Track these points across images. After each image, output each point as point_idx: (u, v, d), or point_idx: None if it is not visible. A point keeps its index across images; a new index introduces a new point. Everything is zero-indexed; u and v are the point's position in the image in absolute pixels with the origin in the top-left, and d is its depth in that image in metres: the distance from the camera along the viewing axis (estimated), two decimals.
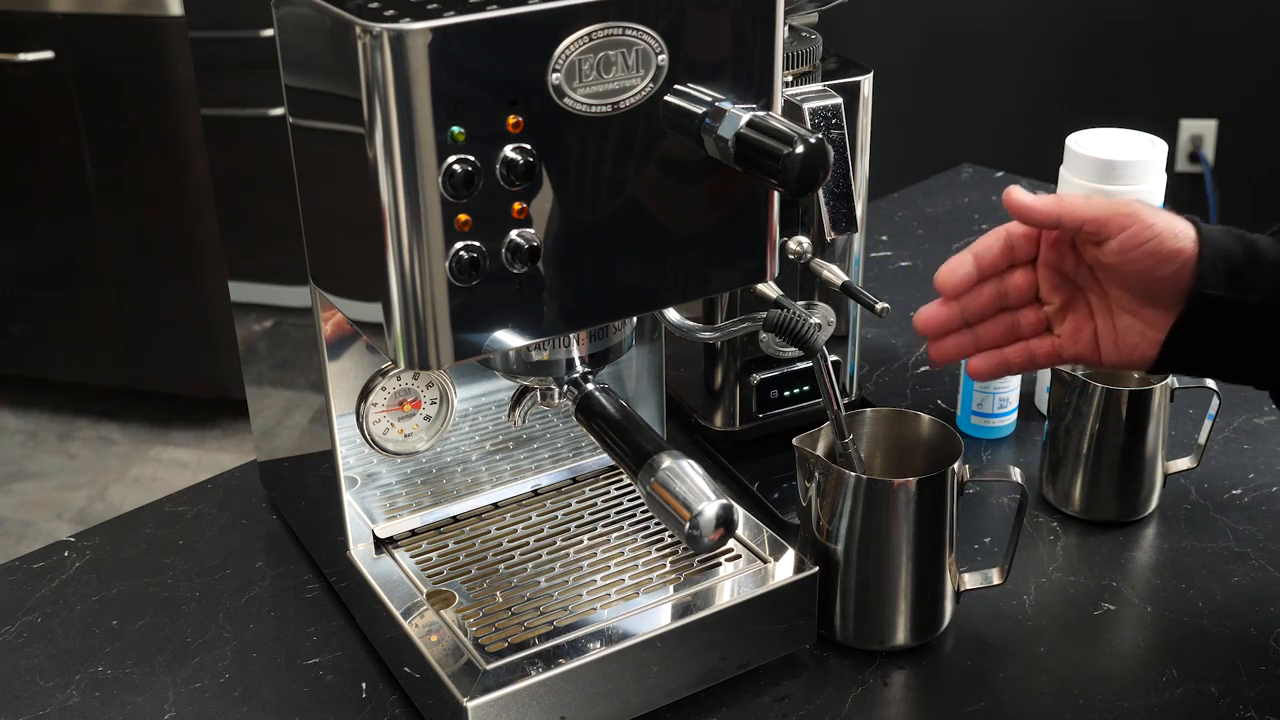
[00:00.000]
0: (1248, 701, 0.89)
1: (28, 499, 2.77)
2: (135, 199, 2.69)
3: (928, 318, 0.82)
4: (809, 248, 1.05)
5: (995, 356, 0.83)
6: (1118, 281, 0.80)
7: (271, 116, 0.84)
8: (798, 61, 1.03)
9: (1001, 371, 0.84)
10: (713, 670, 0.90)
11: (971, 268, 0.82)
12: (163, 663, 0.95)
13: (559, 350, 0.85)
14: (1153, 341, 0.80)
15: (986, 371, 0.84)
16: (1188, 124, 3.10)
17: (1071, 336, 0.83)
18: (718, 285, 0.83)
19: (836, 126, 1.00)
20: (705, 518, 0.75)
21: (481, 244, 0.72)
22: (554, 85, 0.71)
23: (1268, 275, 0.76)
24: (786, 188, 0.72)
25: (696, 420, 1.17)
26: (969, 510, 1.09)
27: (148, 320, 2.81)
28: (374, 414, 0.91)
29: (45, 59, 2.58)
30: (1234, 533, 1.06)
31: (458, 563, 0.95)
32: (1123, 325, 0.81)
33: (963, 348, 0.83)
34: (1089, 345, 0.82)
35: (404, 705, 0.90)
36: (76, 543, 1.07)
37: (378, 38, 0.66)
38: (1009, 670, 0.93)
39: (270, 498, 1.11)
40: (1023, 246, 0.83)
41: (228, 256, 1.05)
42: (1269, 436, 1.19)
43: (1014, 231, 0.82)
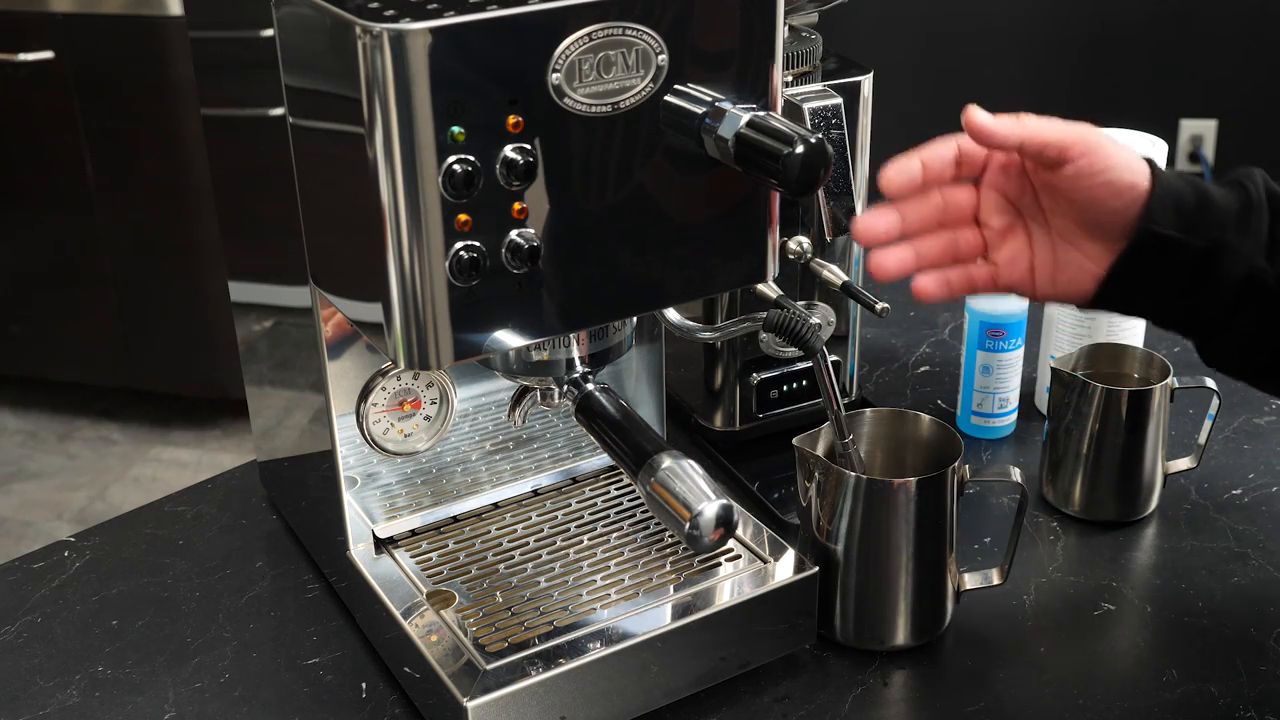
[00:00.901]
0: (1248, 701, 0.89)
1: (28, 499, 2.77)
2: (135, 199, 2.69)
3: (868, 225, 0.79)
4: (809, 248, 1.05)
5: (939, 277, 0.80)
6: (1066, 210, 0.79)
7: (271, 116, 0.84)
8: (798, 61, 1.03)
9: (944, 292, 0.81)
10: (713, 670, 0.90)
11: (918, 172, 0.79)
12: (163, 663, 0.95)
13: (559, 350, 0.85)
14: (1090, 276, 0.79)
15: (934, 290, 0.80)
16: (1188, 124, 3.11)
17: (1008, 265, 0.81)
18: (718, 285, 0.83)
19: (836, 126, 1.00)
20: (705, 518, 0.75)
21: (481, 244, 0.72)
22: (554, 85, 0.71)
23: (1215, 221, 0.77)
24: (786, 188, 0.72)
25: (696, 420, 1.17)
26: (969, 510, 1.09)
27: (148, 320, 2.81)
28: (374, 414, 0.91)
29: (45, 59, 2.58)
30: (1234, 533, 1.06)
31: (458, 563, 0.95)
32: (1063, 257, 0.80)
33: (904, 263, 0.80)
34: (1024, 276, 0.81)
35: (404, 705, 0.90)
36: (76, 543, 1.07)
37: (378, 38, 0.66)
38: (1009, 670, 0.93)
39: (270, 498, 1.11)
40: (971, 163, 0.80)
41: (228, 256, 1.05)
42: (1269, 436, 1.19)
43: (965, 147, 0.80)
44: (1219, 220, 0.77)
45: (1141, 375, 1.08)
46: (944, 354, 1.33)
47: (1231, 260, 0.77)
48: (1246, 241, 0.77)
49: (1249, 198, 0.78)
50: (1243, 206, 0.78)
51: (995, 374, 1.16)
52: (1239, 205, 0.78)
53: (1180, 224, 0.76)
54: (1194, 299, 0.78)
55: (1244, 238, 0.77)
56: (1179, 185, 0.78)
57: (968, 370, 1.18)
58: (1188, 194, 0.77)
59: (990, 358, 1.15)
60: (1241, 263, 0.77)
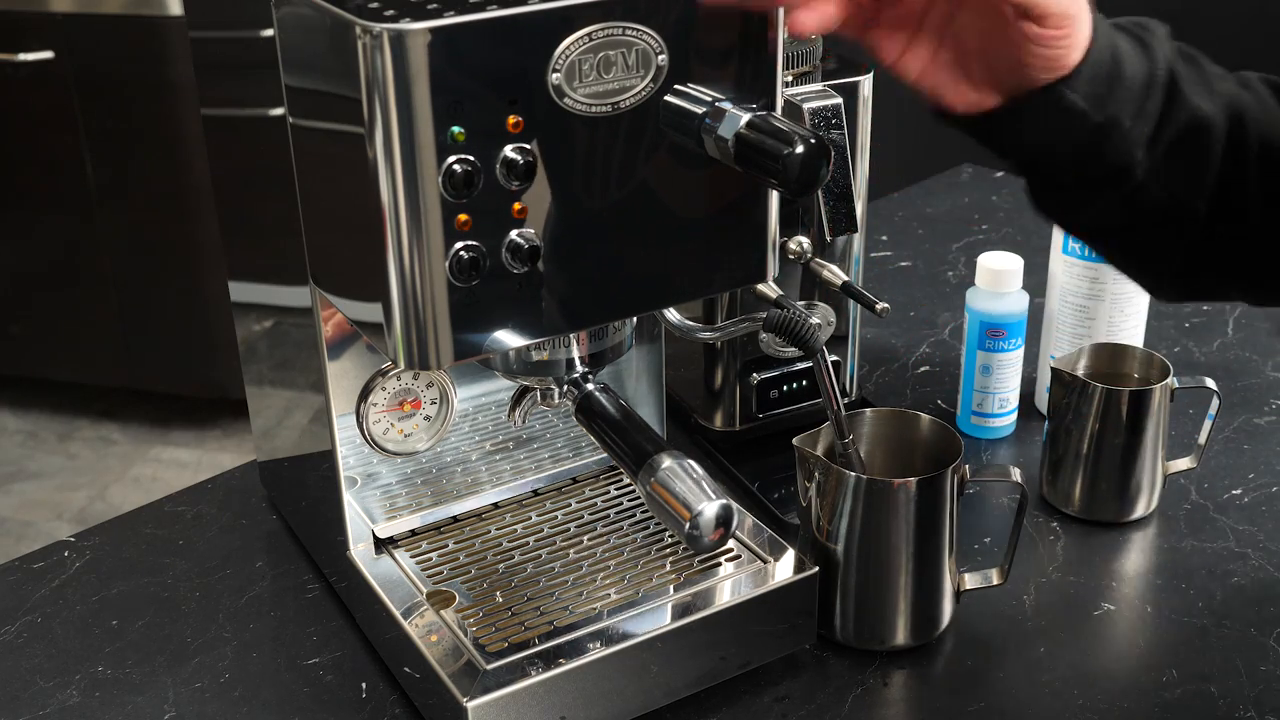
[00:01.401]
0: (1248, 701, 0.89)
1: (28, 499, 2.77)
2: (135, 199, 2.69)
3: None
4: (809, 248, 1.05)
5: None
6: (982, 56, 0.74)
7: (271, 116, 0.84)
8: (798, 61, 1.03)
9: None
10: (713, 670, 0.90)
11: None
12: (163, 663, 0.95)
13: (559, 350, 0.85)
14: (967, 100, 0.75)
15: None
16: None
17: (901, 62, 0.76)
18: (718, 285, 0.83)
19: (836, 126, 1.00)
20: (705, 518, 0.75)
21: (481, 244, 0.72)
22: (554, 85, 0.71)
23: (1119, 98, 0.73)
24: (786, 188, 0.72)
25: (696, 420, 1.17)
26: (969, 510, 1.09)
27: (148, 320, 2.81)
28: (374, 414, 0.91)
29: (45, 59, 2.58)
30: (1234, 533, 1.06)
31: (458, 563, 0.95)
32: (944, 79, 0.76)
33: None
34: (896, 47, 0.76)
35: (404, 705, 0.90)
36: (76, 543, 1.07)
37: (378, 38, 0.66)
38: (1009, 670, 0.93)
39: (270, 498, 1.11)
40: None
41: (228, 256, 1.05)
42: (1269, 436, 1.19)
43: None
44: (1122, 98, 0.73)
45: (1141, 375, 1.08)
46: (944, 354, 1.33)
47: (1119, 143, 0.73)
48: (1137, 126, 0.73)
49: (1153, 72, 0.74)
50: (1146, 82, 0.74)
51: (995, 374, 1.16)
52: (1143, 80, 0.74)
53: (1090, 93, 0.72)
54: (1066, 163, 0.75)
55: (1137, 121, 0.73)
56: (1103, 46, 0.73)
57: (968, 370, 1.18)
58: (1105, 61, 0.73)
59: (990, 358, 1.15)
60: (1124, 150, 0.73)
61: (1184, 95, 0.75)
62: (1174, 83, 0.75)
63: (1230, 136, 0.76)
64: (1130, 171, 0.75)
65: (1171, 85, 0.75)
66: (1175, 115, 0.75)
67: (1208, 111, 0.75)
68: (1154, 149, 0.75)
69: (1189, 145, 0.75)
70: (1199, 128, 0.75)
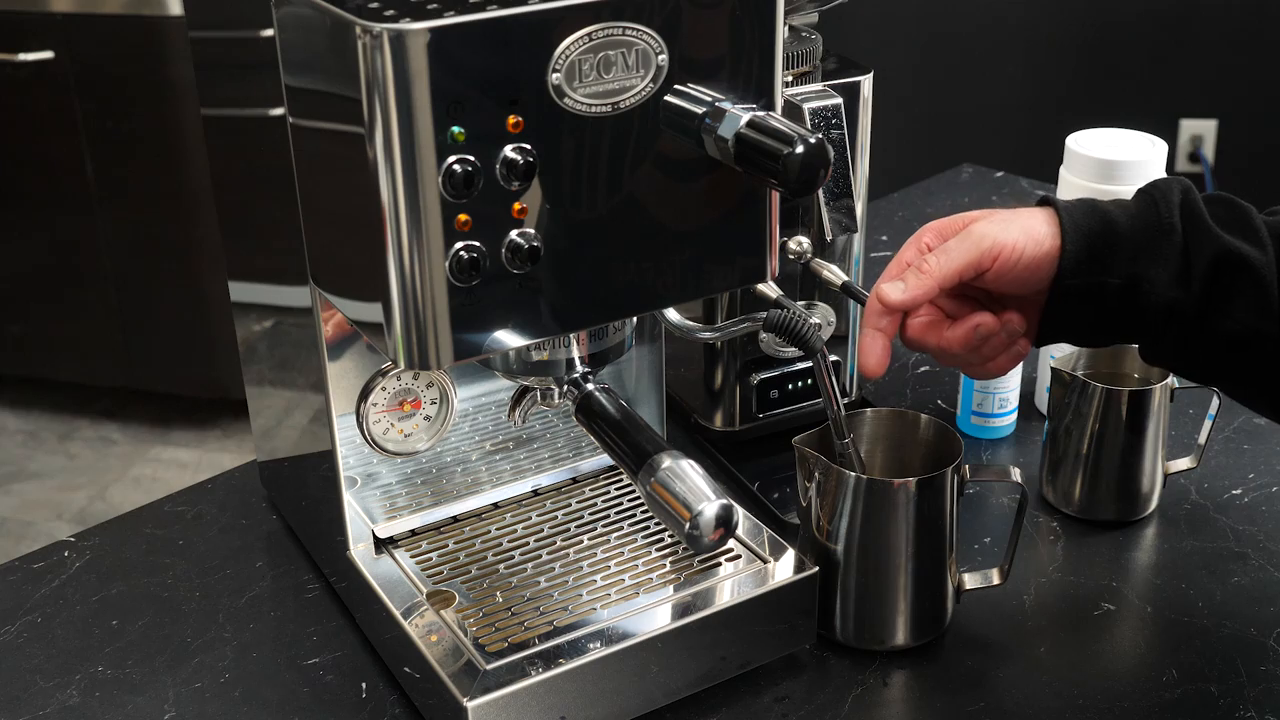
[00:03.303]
0: (1248, 701, 0.89)
1: (28, 499, 2.77)
2: (135, 199, 2.69)
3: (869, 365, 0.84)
4: (809, 248, 1.05)
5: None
6: (999, 292, 0.84)
7: (271, 116, 0.84)
8: (798, 61, 1.03)
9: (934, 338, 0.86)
10: (713, 670, 0.90)
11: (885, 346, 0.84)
12: (163, 663, 0.95)
13: (559, 350, 0.85)
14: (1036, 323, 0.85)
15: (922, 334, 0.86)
16: (1188, 124, 3.10)
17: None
18: (718, 285, 0.83)
19: (836, 126, 1.00)
20: (705, 518, 0.75)
21: (481, 244, 0.72)
22: (554, 85, 0.71)
23: (1124, 255, 0.80)
24: (786, 188, 0.72)
25: (696, 420, 1.17)
26: (969, 510, 1.09)
27: (148, 320, 2.81)
28: (374, 414, 0.91)
29: (45, 59, 2.58)
30: (1234, 533, 1.06)
31: (458, 563, 0.95)
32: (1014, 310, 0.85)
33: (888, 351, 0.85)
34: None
35: (404, 705, 0.90)
36: (76, 543, 1.07)
37: (378, 38, 0.66)
38: (1009, 670, 0.93)
39: (270, 498, 1.11)
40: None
41: (228, 256, 1.05)
42: (1269, 436, 1.19)
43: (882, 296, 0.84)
44: (1129, 253, 0.80)
45: (1141, 375, 1.08)
46: None
47: (1148, 292, 0.80)
48: (1160, 271, 0.80)
49: (1159, 220, 0.80)
50: (1151, 232, 0.80)
51: None
52: (1147, 231, 0.80)
53: (1092, 268, 0.80)
54: (1122, 327, 0.82)
55: (1156, 267, 0.80)
56: (1087, 224, 0.81)
57: None
58: (1096, 231, 0.80)
59: None
60: (1157, 293, 0.80)
61: (1208, 232, 0.79)
62: (1191, 225, 0.80)
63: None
64: (1174, 309, 0.80)
65: (1189, 228, 0.80)
66: (1200, 252, 0.79)
67: (1238, 245, 0.79)
68: (1188, 286, 0.79)
69: (1230, 275, 0.79)
70: (1230, 259, 0.79)
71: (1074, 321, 0.83)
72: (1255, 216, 0.81)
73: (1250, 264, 0.79)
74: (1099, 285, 0.80)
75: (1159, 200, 0.81)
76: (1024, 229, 0.81)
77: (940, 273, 0.81)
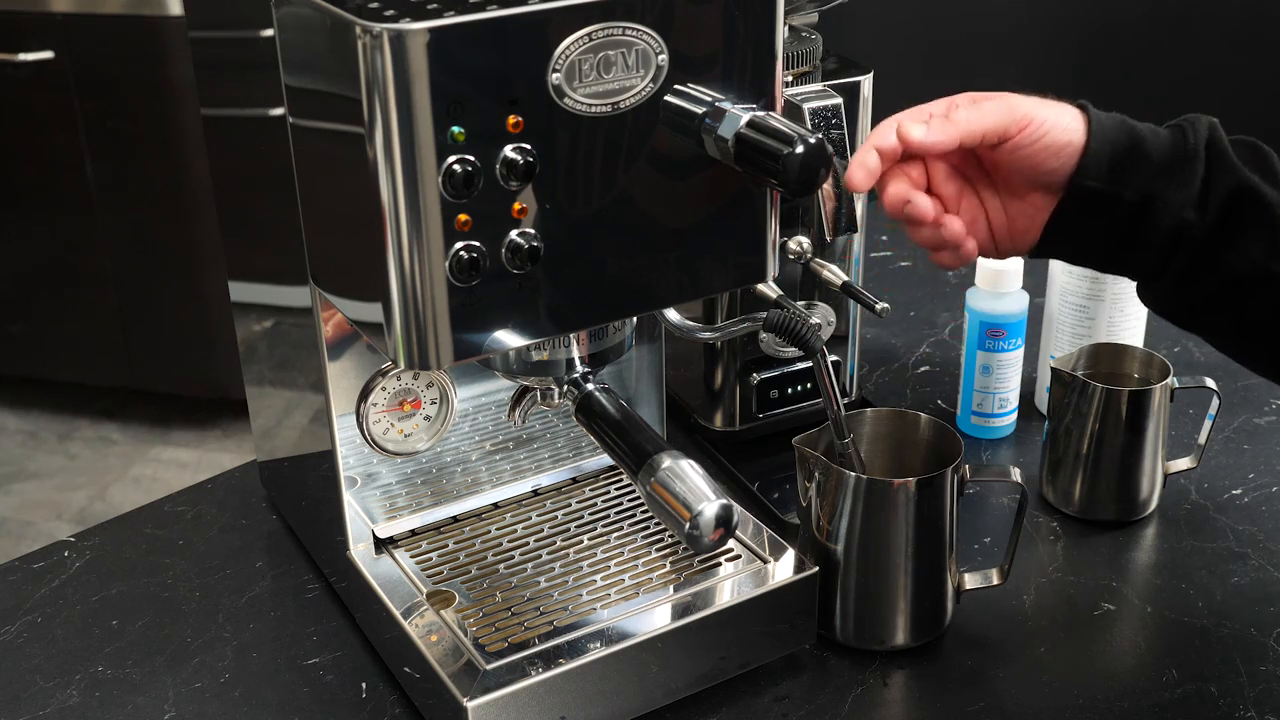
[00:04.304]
0: (1248, 701, 0.89)
1: (28, 499, 2.77)
2: (135, 199, 2.69)
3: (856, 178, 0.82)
4: (809, 248, 1.05)
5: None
6: (1010, 172, 0.82)
7: (271, 116, 0.84)
8: (798, 61, 1.03)
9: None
10: (713, 670, 0.90)
11: (876, 163, 0.81)
12: (163, 663, 0.95)
13: (559, 350, 0.85)
14: (1039, 226, 0.83)
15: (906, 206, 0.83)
16: None
17: (968, 226, 0.84)
18: (718, 285, 0.83)
19: (836, 126, 1.00)
20: (705, 518, 0.75)
21: (481, 244, 0.72)
22: (554, 85, 0.71)
23: (1145, 172, 0.79)
24: (786, 188, 0.72)
25: (696, 420, 1.17)
26: (969, 510, 1.09)
27: (148, 320, 2.81)
28: (374, 414, 0.91)
29: (45, 59, 2.58)
30: (1234, 533, 1.06)
31: (458, 563, 0.95)
32: (1012, 211, 0.84)
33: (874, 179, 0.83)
34: (984, 233, 0.85)
35: (404, 705, 0.90)
36: (76, 543, 1.07)
37: (378, 38, 0.66)
38: (1009, 670, 0.93)
39: (270, 498, 1.11)
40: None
41: (228, 256, 1.05)
42: (1269, 436, 1.19)
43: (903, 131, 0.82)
44: (1150, 171, 0.79)
45: (1141, 375, 1.08)
46: (944, 354, 1.33)
47: (1161, 211, 0.79)
48: (1177, 193, 0.79)
49: (1185, 146, 0.80)
50: (1177, 156, 0.79)
51: (995, 374, 1.16)
52: (1173, 154, 0.79)
53: (1112, 176, 0.79)
54: (1129, 247, 0.81)
55: (1175, 189, 0.79)
56: (1115, 134, 0.80)
57: (968, 370, 1.18)
58: (1121, 143, 0.80)
59: (990, 358, 1.15)
60: (1171, 214, 0.79)
61: (1229, 166, 0.79)
62: (1215, 156, 0.79)
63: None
64: (1184, 233, 0.79)
65: (1212, 158, 0.79)
66: (1220, 181, 0.79)
67: (1255, 181, 0.79)
68: (1204, 213, 0.79)
69: (1243, 209, 0.79)
70: (1248, 194, 0.79)
71: (1080, 230, 0.81)
72: (1276, 160, 0.80)
73: (1267, 202, 0.78)
74: (1114, 195, 0.79)
75: (1187, 129, 0.81)
76: (1054, 115, 0.80)
77: (968, 125, 0.80)
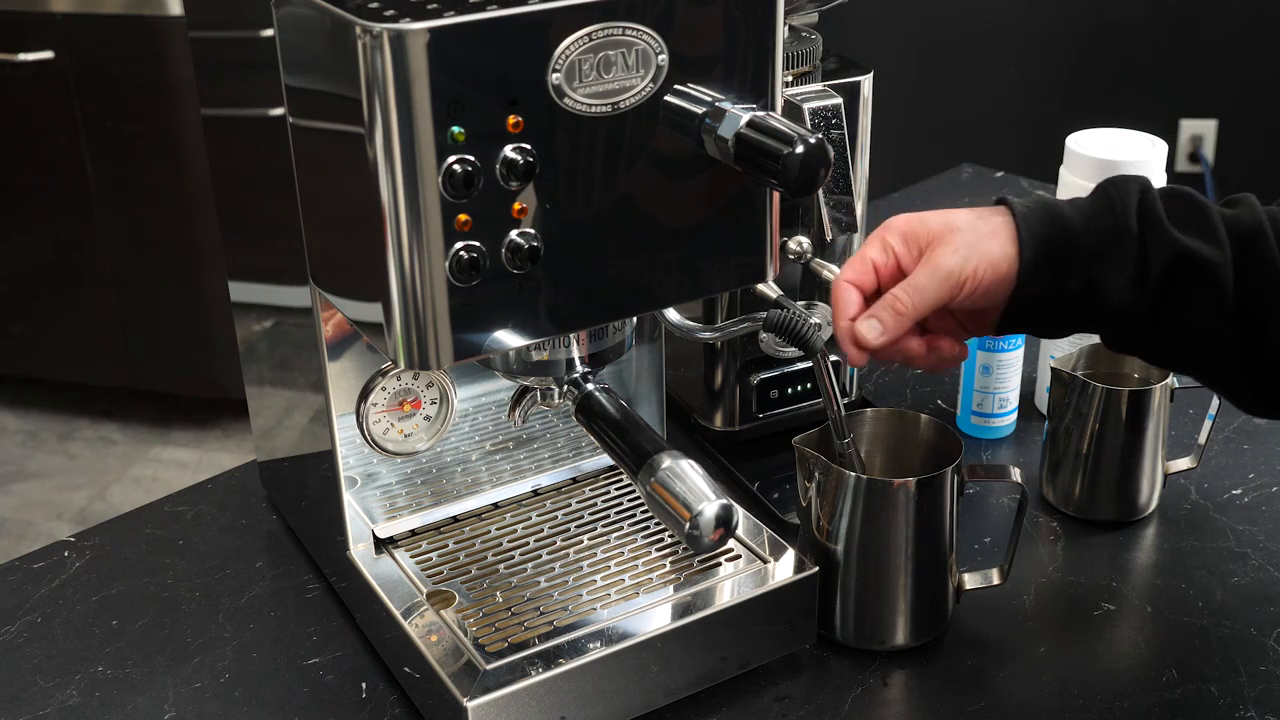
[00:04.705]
0: (1248, 701, 0.89)
1: (28, 499, 2.77)
2: (135, 199, 2.69)
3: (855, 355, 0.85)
4: (809, 248, 1.05)
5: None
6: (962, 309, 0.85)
7: (271, 116, 0.84)
8: (798, 61, 1.03)
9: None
10: (713, 670, 0.90)
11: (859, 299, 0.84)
12: (163, 663, 0.95)
13: (559, 350, 0.85)
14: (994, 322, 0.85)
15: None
16: (1188, 124, 3.10)
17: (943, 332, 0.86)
18: (718, 285, 0.83)
19: (836, 126, 1.00)
20: (705, 518, 0.75)
21: (481, 244, 0.72)
22: (554, 85, 0.71)
23: (1081, 261, 0.81)
24: (786, 188, 0.72)
25: (696, 420, 1.17)
26: (969, 510, 1.09)
27: (148, 320, 2.81)
28: (374, 414, 0.91)
29: (45, 59, 2.58)
30: (1234, 533, 1.06)
31: (458, 563, 0.95)
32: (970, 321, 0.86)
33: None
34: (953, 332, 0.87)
35: (404, 705, 0.90)
36: (76, 543, 1.07)
37: (378, 38, 0.66)
38: (1009, 670, 0.93)
39: (270, 498, 1.11)
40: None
41: (228, 256, 1.05)
42: (1269, 436, 1.19)
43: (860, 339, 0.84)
44: (1086, 259, 0.81)
45: (1141, 375, 1.08)
46: None
47: (1104, 295, 0.80)
48: (1116, 275, 0.80)
49: (1115, 225, 0.81)
50: (1110, 236, 0.81)
51: (995, 374, 1.16)
52: (1106, 236, 0.81)
53: (1052, 274, 0.81)
54: (1082, 324, 0.83)
55: (1113, 272, 0.80)
56: (1045, 233, 0.81)
57: (968, 370, 1.18)
58: (1054, 239, 0.81)
59: (990, 358, 1.15)
60: (1114, 296, 0.80)
61: (1164, 236, 0.80)
62: (1148, 226, 0.80)
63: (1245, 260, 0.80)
64: (1129, 312, 0.81)
65: (1145, 228, 0.80)
66: (1156, 253, 0.80)
67: (1195, 246, 0.80)
68: (1144, 289, 0.80)
69: (1186, 276, 0.80)
70: (1187, 260, 0.80)
71: (1032, 320, 0.84)
72: (1214, 214, 0.81)
73: (1206, 264, 0.79)
74: (1057, 289, 0.81)
75: (1116, 201, 0.81)
76: (985, 257, 0.81)
77: (914, 313, 0.82)
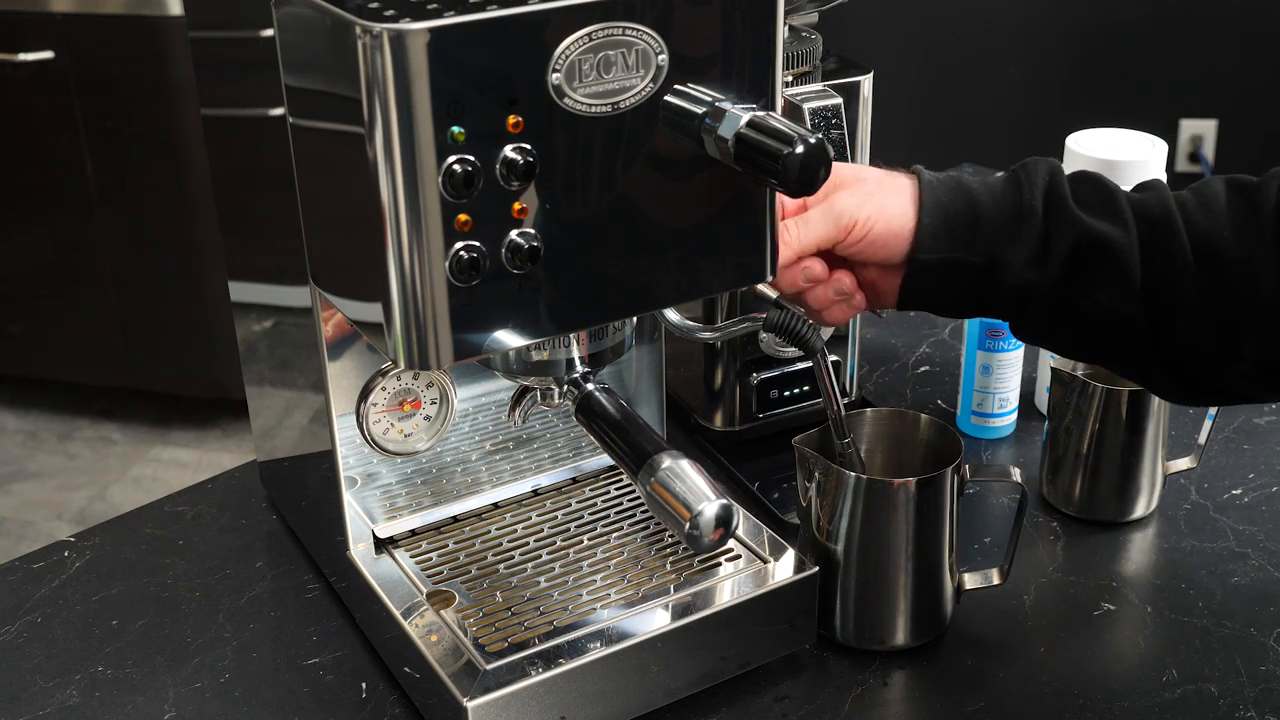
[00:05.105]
0: (1248, 701, 0.89)
1: (28, 499, 2.77)
2: (135, 199, 2.69)
3: None
4: None
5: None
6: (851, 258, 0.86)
7: (271, 116, 0.84)
8: (798, 61, 1.03)
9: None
10: (713, 670, 0.90)
11: None
12: (163, 663, 0.95)
13: (559, 350, 0.85)
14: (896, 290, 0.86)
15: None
16: (1188, 124, 3.11)
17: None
18: (718, 285, 0.83)
19: (836, 126, 1.00)
20: (705, 518, 0.75)
21: (481, 244, 0.72)
22: (554, 85, 0.71)
23: (986, 234, 0.82)
24: (786, 188, 0.72)
25: (696, 420, 1.17)
26: (969, 510, 1.09)
27: (148, 320, 2.81)
28: (374, 414, 0.91)
29: (45, 59, 2.58)
30: (1234, 533, 1.06)
31: (458, 563, 0.95)
32: (870, 278, 0.86)
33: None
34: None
35: (404, 705, 0.90)
36: (76, 543, 1.07)
37: (378, 38, 0.66)
38: (1009, 670, 0.93)
39: (270, 498, 1.11)
40: None
41: (228, 256, 1.05)
42: (1269, 436, 1.19)
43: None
44: (990, 233, 0.81)
45: None
46: (944, 354, 1.33)
47: (1005, 271, 0.81)
48: (1017, 252, 0.81)
49: (1020, 204, 0.82)
50: (1014, 214, 0.82)
51: (995, 374, 1.16)
52: (1010, 213, 0.82)
53: (952, 244, 0.82)
54: (983, 304, 0.84)
55: (1014, 248, 0.81)
56: (950, 202, 0.82)
57: (968, 370, 1.18)
58: (959, 210, 0.82)
59: (990, 358, 1.15)
60: (1014, 273, 0.81)
61: (1069, 217, 0.81)
62: (1053, 207, 0.81)
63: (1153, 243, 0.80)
64: (1030, 291, 0.81)
65: (1051, 210, 0.81)
66: (1060, 234, 0.81)
67: (1100, 228, 0.80)
68: (1046, 268, 0.81)
69: (1091, 258, 0.81)
70: (1092, 241, 0.80)
71: (931, 294, 0.84)
72: (1121, 197, 0.82)
73: (1112, 246, 0.80)
74: (956, 262, 0.82)
75: (1024, 181, 0.82)
76: (879, 206, 0.83)
77: (799, 245, 0.84)
